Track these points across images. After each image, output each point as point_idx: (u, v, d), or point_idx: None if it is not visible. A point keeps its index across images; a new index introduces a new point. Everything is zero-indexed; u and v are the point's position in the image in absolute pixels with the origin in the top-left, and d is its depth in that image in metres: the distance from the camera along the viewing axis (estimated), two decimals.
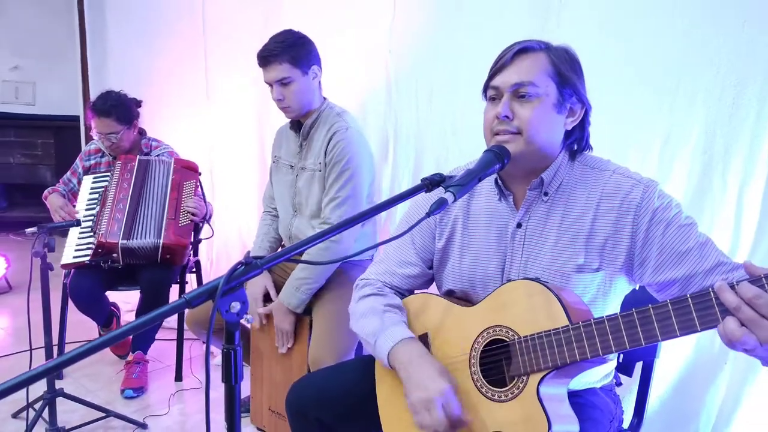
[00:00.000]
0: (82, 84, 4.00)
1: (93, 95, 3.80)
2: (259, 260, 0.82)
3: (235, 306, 0.81)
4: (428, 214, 0.97)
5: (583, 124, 1.22)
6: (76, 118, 4.28)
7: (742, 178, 1.65)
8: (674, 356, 1.76)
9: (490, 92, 1.19)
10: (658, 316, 0.93)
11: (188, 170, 2.59)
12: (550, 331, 1.04)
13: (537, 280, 1.09)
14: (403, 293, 1.39)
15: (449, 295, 1.34)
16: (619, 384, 1.41)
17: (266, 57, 1.92)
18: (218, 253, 3.22)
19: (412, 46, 2.33)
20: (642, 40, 1.77)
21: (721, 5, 1.62)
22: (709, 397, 1.72)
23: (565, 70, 1.16)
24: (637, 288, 1.29)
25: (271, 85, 1.96)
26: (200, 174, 2.61)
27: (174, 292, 2.60)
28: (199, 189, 2.57)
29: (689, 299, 0.90)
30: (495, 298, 1.16)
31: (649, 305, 0.94)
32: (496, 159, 1.10)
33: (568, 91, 1.16)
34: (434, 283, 1.42)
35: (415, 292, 1.40)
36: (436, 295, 1.30)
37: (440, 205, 0.98)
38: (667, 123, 1.75)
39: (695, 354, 1.75)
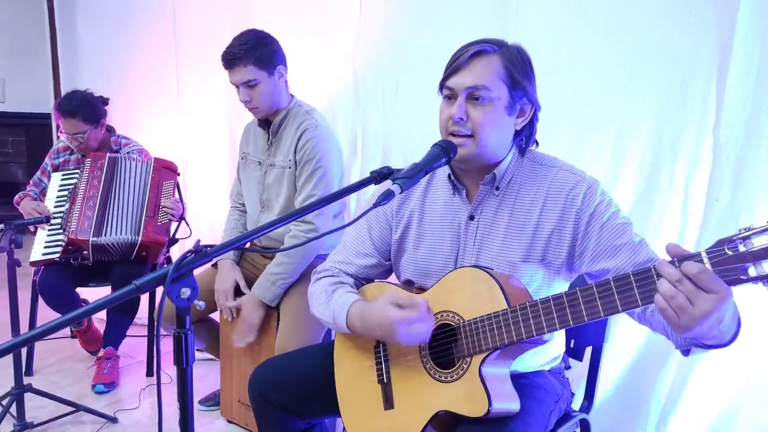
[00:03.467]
0: (53, 81, 3.98)
1: (64, 92, 3.80)
2: (208, 248, 0.86)
3: (185, 292, 0.85)
4: (375, 205, 1.02)
5: (532, 122, 1.29)
6: (48, 116, 4.24)
7: (687, 171, 1.73)
8: (628, 342, 1.84)
9: (446, 91, 1.24)
10: (584, 297, 1.00)
11: (167, 170, 2.61)
12: (491, 314, 1.10)
13: (483, 267, 1.15)
14: (361, 282, 1.44)
15: (407, 284, 1.40)
16: (568, 367, 1.48)
17: (230, 60, 1.94)
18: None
19: (378, 44, 2.38)
20: (594, 36, 1.84)
21: (668, 2, 1.69)
22: (659, 381, 1.80)
23: (517, 73, 1.21)
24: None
25: (237, 86, 1.99)
26: (179, 174, 2.63)
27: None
28: (177, 189, 2.60)
29: (612, 282, 0.97)
30: (443, 285, 1.21)
31: (577, 288, 1.01)
32: (442, 153, 1.15)
33: (518, 93, 1.22)
34: (392, 274, 1.47)
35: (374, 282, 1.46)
36: (391, 283, 1.35)
37: (387, 196, 1.03)
38: (619, 119, 1.83)
39: (647, 339, 1.83)
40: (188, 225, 2.63)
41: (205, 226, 3.13)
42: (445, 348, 1.19)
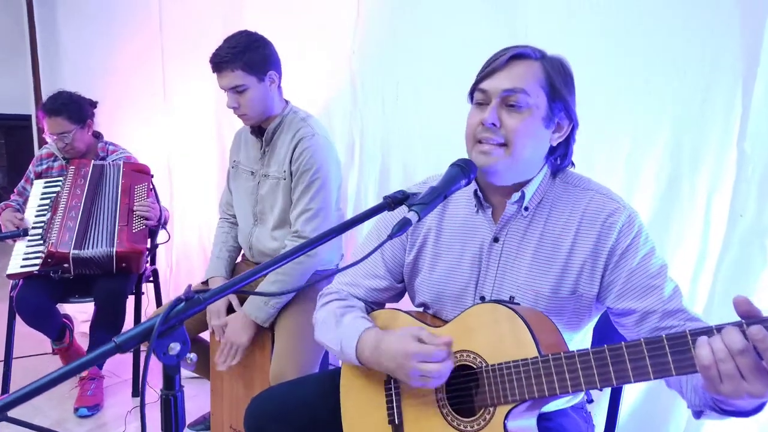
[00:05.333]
0: (33, 82, 3.83)
1: (45, 94, 3.65)
2: (200, 295, 0.73)
3: (174, 347, 0.73)
4: (390, 237, 0.91)
5: (568, 141, 1.18)
6: (28, 117, 4.10)
7: (709, 184, 1.64)
8: None
9: (478, 96, 1.12)
10: (631, 354, 0.88)
11: (138, 173, 2.47)
12: (518, 362, 0.99)
13: (506, 302, 1.04)
14: (370, 306, 1.33)
15: (422, 308, 1.29)
16: (590, 401, 1.38)
17: (218, 63, 1.82)
18: (178, 259, 3.11)
19: (376, 46, 2.26)
20: (608, 42, 1.73)
21: (690, 9, 1.59)
22: (678, 403, 1.70)
23: (559, 83, 1.11)
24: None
25: (225, 90, 1.86)
26: (152, 176, 2.49)
27: (130, 302, 2.47)
28: (152, 192, 2.46)
29: (665, 341, 0.86)
30: (462, 321, 1.10)
31: (622, 343, 0.90)
32: (461, 174, 1.04)
33: (558, 105, 1.11)
34: (404, 297, 1.36)
35: (385, 306, 1.34)
36: (406, 312, 1.24)
37: (403, 227, 0.91)
38: (634, 128, 1.72)
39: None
40: (167, 230, 2.49)
41: (193, 233, 3.01)
42: (464, 392, 1.07)
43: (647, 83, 1.67)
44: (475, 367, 1.05)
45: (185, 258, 3.08)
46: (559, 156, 1.18)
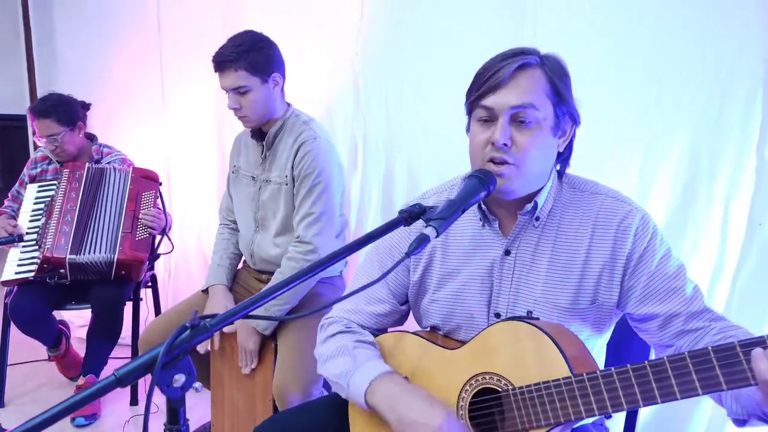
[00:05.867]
0: (28, 82, 3.76)
1: (41, 95, 3.58)
2: (208, 321, 0.68)
3: (179, 379, 0.67)
4: (408, 255, 0.85)
5: (570, 142, 1.13)
6: (23, 118, 4.02)
7: (728, 191, 1.59)
8: None
9: (481, 113, 1.05)
10: (675, 369, 0.83)
11: (147, 180, 2.41)
12: (549, 383, 0.93)
13: (527, 319, 0.99)
14: (373, 333, 1.25)
15: (432, 331, 1.22)
16: (609, 416, 1.32)
17: (221, 62, 1.76)
18: (177, 264, 3.04)
19: (380, 46, 2.20)
20: (623, 46, 1.69)
21: (708, 14, 1.54)
22: (698, 406, 1.66)
23: (561, 87, 1.05)
24: None
25: (227, 91, 1.80)
26: (160, 184, 2.44)
27: (127, 310, 2.41)
28: (159, 200, 2.40)
29: (711, 353, 0.80)
30: (482, 341, 1.04)
31: (664, 357, 0.84)
32: (480, 186, 0.98)
33: (562, 110, 1.06)
34: (408, 319, 1.29)
35: (387, 331, 1.28)
36: (414, 333, 1.18)
37: (421, 243, 0.86)
38: (649, 135, 1.68)
39: None
40: (170, 239, 2.43)
41: (192, 240, 2.94)
42: (488, 417, 1.01)
43: (663, 89, 1.63)
44: (499, 390, 1.00)
45: (184, 262, 3.02)
46: (563, 159, 1.13)
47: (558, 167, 1.15)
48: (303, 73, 2.30)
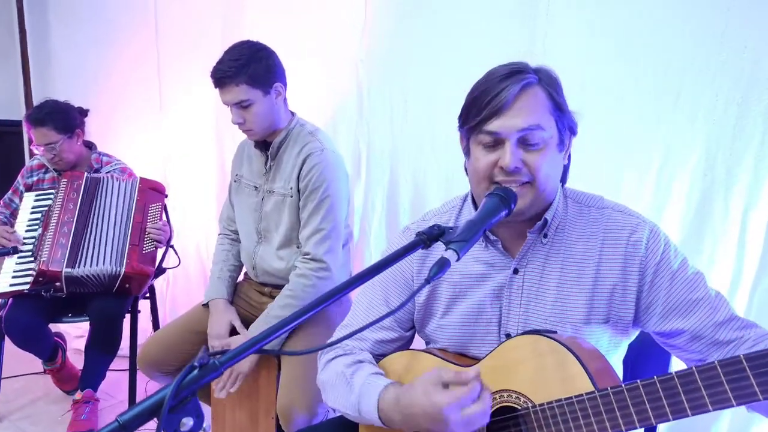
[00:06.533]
0: (24, 87, 3.71)
1: (36, 99, 3.53)
2: (217, 359, 0.63)
3: (187, 423, 0.62)
4: (428, 281, 0.80)
5: (569, 154, 1.11)
6: (18, 123, 3.96)
7: (746, 203, 1.55)
8: None
9: (485, 138, 1.00)
10: (704, 380, 0.79)
11: (154, 192, 2.36)
12: (572, 398, 0.88)
13: (547, 332, 0.94)
14: (377, 359, 1.21)
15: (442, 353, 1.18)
16: None
17: (220, 78, 1.71)
18: (175, 273, 2.99)
19: (385, 53, 2.15)
20: (637, 53, 1.64)
21: (725, 19, 1.50)
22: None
23: (559, 99, 1.03)
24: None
25: (229, 106, 1.75)
26: (166, 196, 2.39)
27: (125, 321, 2.35)
28: (164, 212, 2.35)
29: (744, 362, 0.77)
30: (498, 358, 1.00)
31: (693, 367, 0.81)
32: (502, 204, 0.93)
33: (563, 124, 1.04)
34: (412, 343, 1.25)
35: None
36: (425, 351, 1.13)
37: (442, 268, 0.81)
38: (664, 144, 1.63)
39: None
40: (176, 253, 2.38)
41: (191, 251, 2.89)
42: None
43: (678, 97, 1.58)
44: (519, 408, 0.95)
45: (182, 272, 2.96)
46: (564, 170, 1.10)
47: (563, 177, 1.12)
48: (305, 79, 2.26)
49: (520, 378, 0.96)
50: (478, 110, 1.00)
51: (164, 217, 2.36)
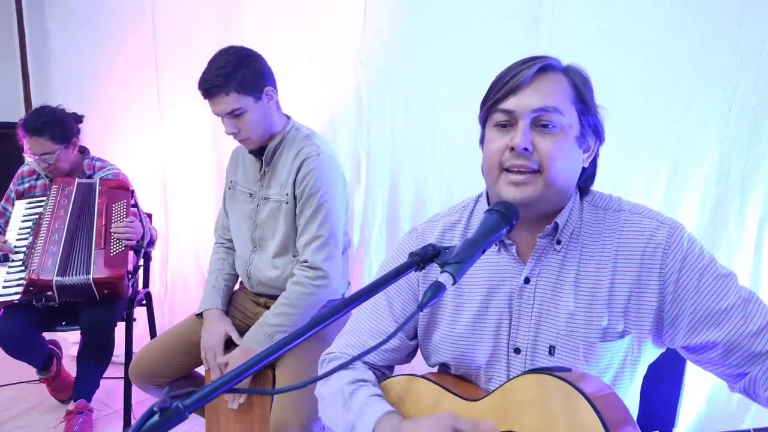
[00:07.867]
0: (23, 89, 3.67)
1: (35, 101, 3.49)
2: (181, 403, 0.56)
3: None
4: (420, 308, 0.73)
5: (594, 160, 1.04)
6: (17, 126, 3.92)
7: (762, 213, 1.47)
8: (684, 414, 1.57)
9: (499, 117, 0.95)
10: None
11: (117, 190, 2.26)
12: None
13: (556, 372, 0.86)
14: (380, 370, 1.15)
15: (443, 368, 1.11)
16: None
17: (209, 89, 1.65)
18: (173, 279, 2.94)
19: (385, 55, 2.09)
20: (648, 55, 1.57)
21: (740, 21, 1.42)
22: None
23: (587, 95, 0.97)
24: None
25: (220, 117, 1.69)
26: (132, 191, 2.29)
27: (120, 330, 2.29)
28: (134, 208, 2.26)
29: None
30: (505, 394, 0.92)
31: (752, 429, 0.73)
32: (502, 221, 0.86)
33: (588, 121, 0.97)
34: (416, 355, 1.18)
35: (394, 368, 1.17)
36: (423, 377, 1.06)
37: (436, 293, 0.74)
38: (676, 150, 1.56)
39: (707, 411, 1.57)
40: (148, 250, 2.31)
41: (189, 251, 2.83)
42: None
43: (690, 102, 1.51)
44: None
45: (180, 278, 2.91)
46: (587, 178, 1.03)
47: (585, 185, 1.04)
48: (303, 83, 2.20)
49: (527, 421, 0.88)
50: (496, 90, 0.96)
51: (138, 213, 2.27)
